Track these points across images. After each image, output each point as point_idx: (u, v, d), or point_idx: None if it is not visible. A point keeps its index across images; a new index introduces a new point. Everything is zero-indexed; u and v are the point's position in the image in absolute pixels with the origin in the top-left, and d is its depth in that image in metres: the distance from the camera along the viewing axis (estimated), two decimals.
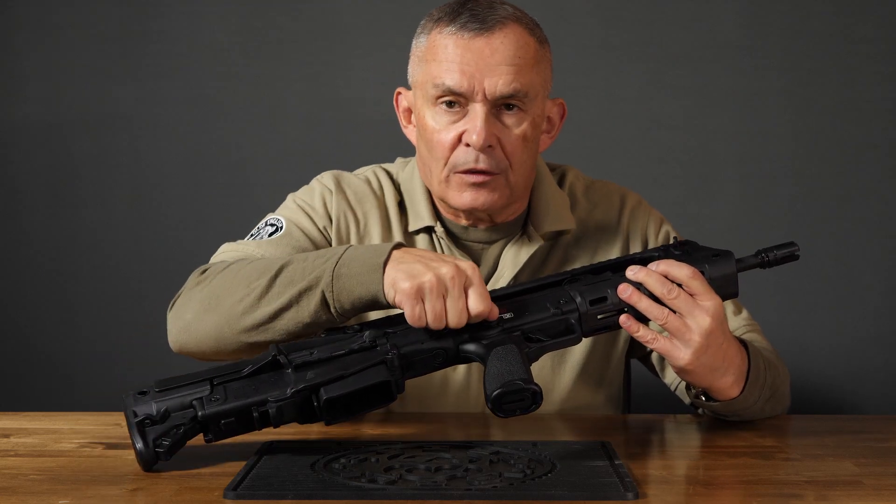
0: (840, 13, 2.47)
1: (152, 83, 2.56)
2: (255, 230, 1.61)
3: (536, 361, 1.34)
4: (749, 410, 1.46)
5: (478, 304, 1.30)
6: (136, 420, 1.24)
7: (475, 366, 1.59)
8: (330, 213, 1.62)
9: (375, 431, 1.44)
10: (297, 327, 1.38)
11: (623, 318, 1.35)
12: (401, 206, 1.64)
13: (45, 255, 2.59)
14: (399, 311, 1.32)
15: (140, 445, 1.23)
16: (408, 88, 1.61)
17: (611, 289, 1.36)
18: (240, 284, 1.41)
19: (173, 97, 2.55)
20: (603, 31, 2.49)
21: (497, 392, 1.23)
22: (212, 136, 2.56)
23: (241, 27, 2.55)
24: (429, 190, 1.62)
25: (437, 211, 1.62)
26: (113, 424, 1.48)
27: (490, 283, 1.59)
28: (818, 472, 1.23)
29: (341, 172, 1.69)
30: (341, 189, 1.64)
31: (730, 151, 2.50)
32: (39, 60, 2.57)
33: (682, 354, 1.35)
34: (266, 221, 1.61)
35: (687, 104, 2.50)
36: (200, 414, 1.24)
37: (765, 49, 2.48)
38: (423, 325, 1.29)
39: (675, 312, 1.34)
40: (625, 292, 1.35)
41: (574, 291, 1.36)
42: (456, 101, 1.50)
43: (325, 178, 1.67)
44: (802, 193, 2.49)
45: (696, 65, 2.49)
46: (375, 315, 1.55)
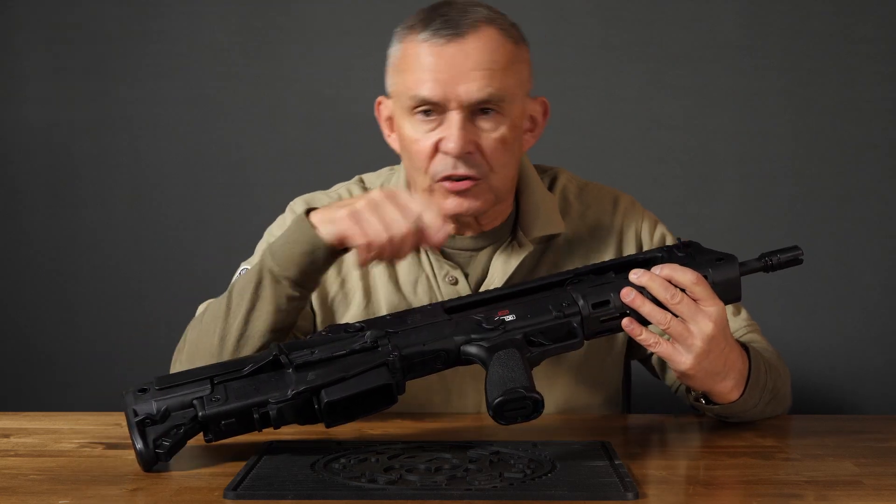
0: (840, 13, 2.47)
1: (152, 83, 2.56)
2: (231, 283, 1.61)
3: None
4: (749, 413, 1.46)
5: (415, 202, 1.35)
6: (137, 420, 1.24)
7: (468, 376, 1.59)
8: None
9: (375, 431, 1.44)
10: (272, 321, 1.41)
11: (626, 322, 1.34)
12: None
13: (45, 255, 2.59)
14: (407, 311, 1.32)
15: (140, 446, 1.23)
16: (387, 97, 1.59)
17: (613, 292, 1.35)
18: (208, 323, 1.45)
19: (173, 97, 2.55)
20: (603, 31, 2.49)
21: (498, 400, 1.23)
22: (212, 136, 2.56)
23: (241, 27, 2.55)
24: None
25: None
26: (113, 424, 1.48)
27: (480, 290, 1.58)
28: (818, 472, 1.23)
29: (314, 195, 1.69)
30: None
31: (730, 151, 2.50)
32: (39, 60, 2.57)
33: (683, 359, 1.34)
34: (239, 272, 1.61)
35: (687, 104, 2.50)
36: (201, 414, 1.24)
37: (765, 49, 2.48)
38: (373, 245, 1.33)
39: (677, 317, 1.33)
40: (628, 296, 1.34)
41: (576, 294, 1.35)
42: (432, 109, 1.49)
43: (297, 205, 1.67)
44: (802, 193, 2.49)
45: (696, 65, 2.49)
46: (384, 312, 1.55)
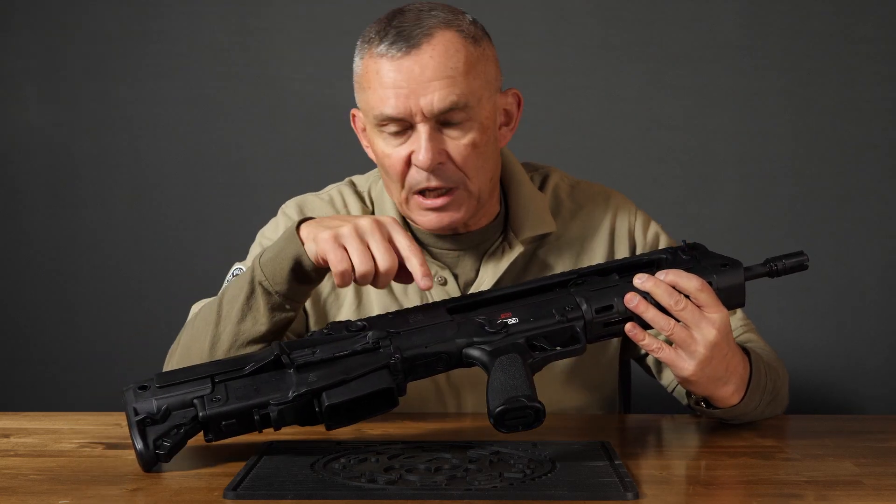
0: (840, 13, 2.47)
1: (152, 83, 2.56)
2: (224, 283, 1.61)
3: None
4: (749, 415, 1.45)
5: (404, 241, 1.32)
6: (137, 419, 1.24)
7: (465, 379, 1.59)
8: None
9: (375, 431, 1.44)
10: (263, 331, 1.39)
11: (629, 327, 1.33)
12: None
13: (45, 255, 2.59)
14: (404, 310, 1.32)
15: (140, 446, 1.22)
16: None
17: (617, 297, 1.34)
18: (199, 328, 1.44)
19: (173, 97, 2.55)
20: (603, 31, 2.49)
21: (500, 409, 1.22)
22: (212, 136, 2.56)
23: (241, 27, 2.55)
24: None
25: (407, 223, 1.61)
26: (113, 424, 1.48)
27: (471, 292, 1.57)
28: (818, 472, 1.23)
29: (305, 197, 1.68)
30: (304, 217, 1.64)
31: (730, 151, 2.50)
32: (39, 61, 2.57)
33: (686, 365, 1.33)
34: (232, 272, 1.61)
35: (687, 104, 2.50)
36: (202, 414, 1.24)
37: (765, 49, 2.48)
38: (349, 274, 1.30)
39: (680, 323, 1.32)
40: (631, 301, 1.33)
41: (580, 298, 1.34)
42: (399, 126, 1.48)
43: (289, 207, 1.68)
44: (802, 193, 2.49)
45: (696, 65, 2.49)
46: (372, 311, 1.55)
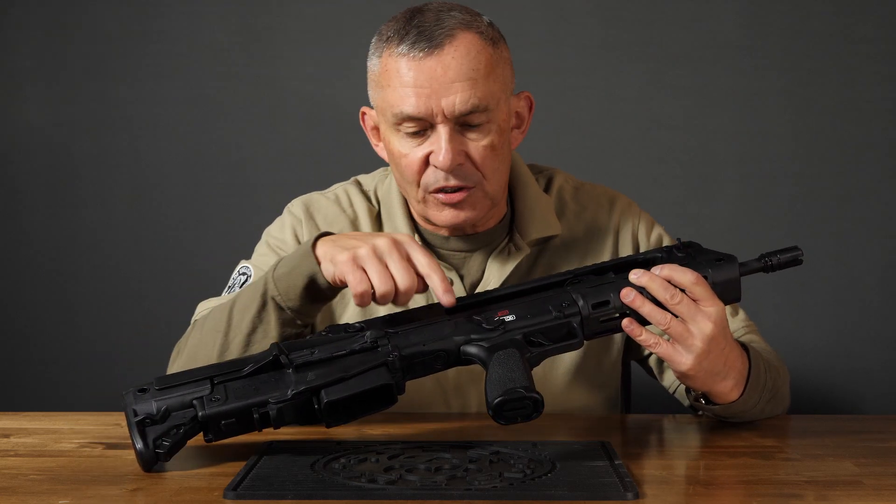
0: (840, 13, 2.47)
1: (152, 83, 2.56)
2: (230, 281, 1.62)
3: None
4: (749, 413, 1.46)
5: (423, 259, 1.31)
6: (137, 419, 1.24)
7: (465, 376, 1.59)
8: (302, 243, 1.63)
9: (375, 431, 1.44)
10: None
11: (626, 322, 1.34)
12: (378, 219, 1.64)
13: (45, 255, 2.59)
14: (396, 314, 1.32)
15: (140, 446, 1.22)
16: (370, 107, 1.59)
17: (613, 292, 1.34)
18: (208, 333, 1.44)
19: (173, 97, 2.56)
20: (603, 31, 2.49)
21: (498, 400, 1.23)
22: (212, 136, 2.56)
23: (241, 27, 2.55)
24: (406, 203, 1.62)
25: (414, 222, 1.62)
26: (113, 424, 1.48)
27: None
28: (818, 472, 1.23)
29: (311, 196, 1.69)
30: (311, 216, 1.65)
31: (730, 151, 2.50)
32: (39, 61, 2.57)
33: (683, 359, 1.34)
34: (238, 270, 1.62)
35: (687, 104, 2.50)
36: (201, 414, 1.24)
37: (765, 49, 2.48)
38: (369, 294, 1.30)
39: (677, 317, 1.33)
40: (627, 296, 1.33)
41: (576, 294, 1.35)
42: (418, 125, 1.48)
43: (295, 206, 1.68)
44: (802, 193, 2.49)
45: (696, 65, 2.49)
46: (379, 313, 1.55)
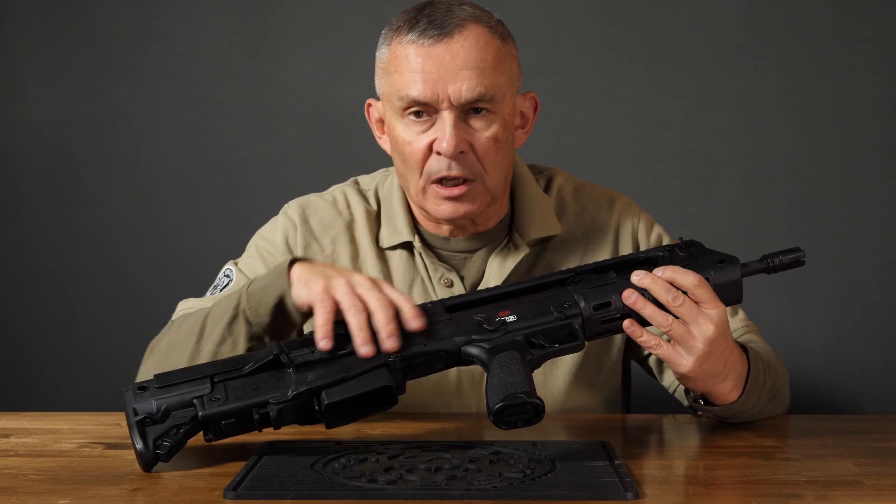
0: (840, 13, 2.47)
1: (152, 83, 2.56)
2: (216, 280, 1.62)
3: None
4: (748, 413, 1.46)
5: (395, 294, 1.30)
6: (137, 419, 1.24)
7: (465, 378, 1.60)
8: (292, 249, 1.63)
9: (375, 431, 1.44)
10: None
11: (627, 323, 1.33)
12: (377, 220, 1.64)
13: (45, 255, 2.59)
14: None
15: (140, 446, 1.22)
16: (377, 99, 1.60)
17: (615, 293, 1.34)
18: (182, 337, 1.44)
19: (173, 97, 2.55)
20: (603, 31, 2.49)
21: (499, 405, 1.23)
22: (212, 136, 2.56)
23: (241, 27, 2.55)
24: (408, 203, 1.62)
25: (415, 223, 1.62)
26: (113, 424, 1.48)
27: None
28: (818, 472, 1.23)
29: (308, 198, 1.68)
30: (305, 220, 1.64)
31: (730, 151, 2.50)
32: (39, 61, 2.57)
33: (684, 361, 1.34)
34: (223, 272, 1.62)
35: (687, 104, 2.50)
36: (201, 414, 1.24)
37: (765, 49, 2.48)
38: (331, 325, 1.27)
39: (678, 319, 1.33)
40: (629, 298, 1.33)
41: (578, 295, 1.34)
42: (423, 110, 1.49)
43: (291, 209, 1.67)
44: (802, 193, 2.49)
45: (696, 65, 2.49)
46: None
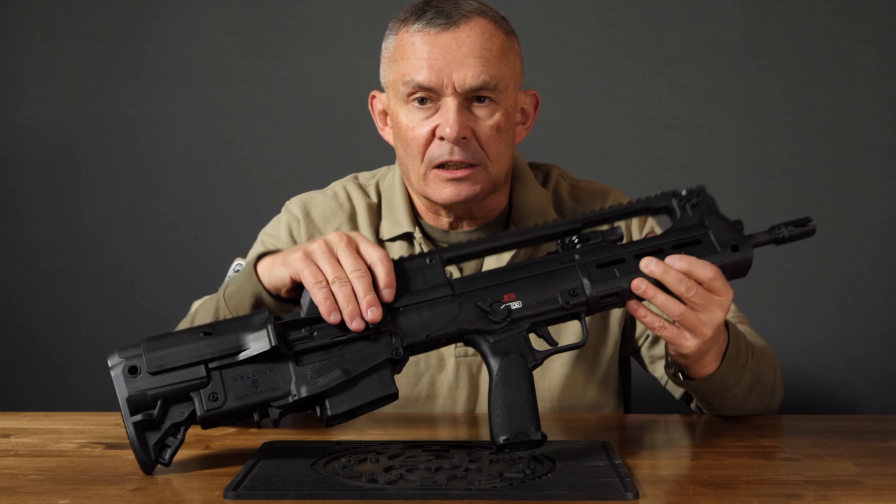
0: (840, 13, 2.47)
1: (152, 83, 2.56)
2: (226, 278, 1.61)
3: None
4: (731, 393, 1.45)
5: (372, 251, 1.25)
6: (134, 420, 1.21)
7: (463, 370, 1.60)
8: (297, 242, 1.65)
9: (375, 431, 1.44)
10: None
11: (633, 304, 1.30)
12: (378, 213, 1.65)
13: (45, 255, 2.59)
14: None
15: (141, 454, 1.20)
16: (381, 91, 1.61)
17: (624, 282, 1.29)
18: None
19: (173, 97, 2.56)
20: (603, 31, 2.49)
21: (504, 440, 1.23)
22: (212, 136, 2.56)
23: (241, 27, 2.55)
24: (409, 196, 1.63)
25: (416, 216, 1.63)
26: (113, 424, 1.48)
27: None
28: (818, 472, 1.23)
29: (308, 194, 1.70)
30: (307, 213, 1.66)
31: (730, 151, 2.50)
32: (39, 61, 2.57)
33: (689, 344, 1.32)
34: (233, 268, 1.63)
35: (687, 104, 2.50)
36: (199, 415, 1.22)
37: (765, 49, 2.48)
38: (325, 287, 1.22)
39: (687, 306, 1.30)
40: (639, 288, 1.29)
41: (585, 279, 1.29)
42: (427, 96, 1.51)
43: (293, 205, 1.69)
44: (802, 193, 2.49)
45: (696, 65, 2.49)
46: None
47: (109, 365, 1.23)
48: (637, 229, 1.68)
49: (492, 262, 1.59)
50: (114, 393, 1.22)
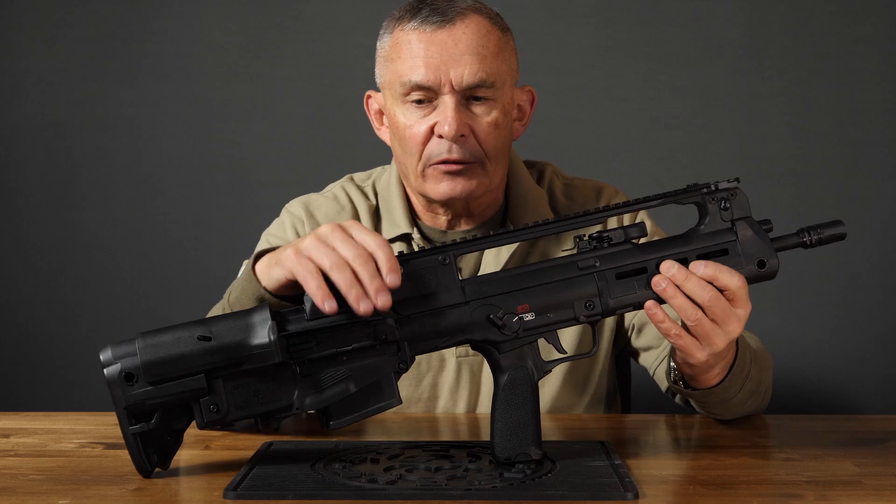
0: (840, 13, 2.47)
1: (152, 83, 2.56)
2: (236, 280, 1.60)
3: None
4: (729, 403, 1.44)
5: (368, 238, 1.18)
6: (133, 430, 1.18)
7: (465, 371, 1.60)
8: None
9: (375, 431, 1.44)
10: None
11: (649, 304, 1.25)
12: (376, 214, 1.65)
13: (45, 255, 2.59)
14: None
15: (138, 460, 1.19)
16: (377, 90, 1.61)
17: (643, 298, 1.24)
18: None
19: (173, 97, 2.56)
20: (603, 31, 2.49)
21: (505, 458, 1.22)
22: (212, 136, 2.56)
23: (241, 27, 2.55)
24: (406, 196, 1.63)
25: (414, 216, 1.63)
26: (113, 424, 1.47)
27: None
28: (818, 472, 1.23)
29: (308, 197, 1.70)
30: (311, 214, 1.66)
31: (730, 151, 2.50)
32: (39, 60, 2.57)
33: (699, 354, 1.28)
34: (241, 272, 1.60)
35: (687, 104, 2.50)
36: (199, 425, 1.19)
37: (765, 49, 2.48)
38: (317, 277, 1.16)
39: (706, 315, 1.25)
40: (659, 286, 1.24)
41: (604, 294, 1.24)
42: (425, 96, 1.51)
43: (294, 206, 1.68)
44: (802, 193, 2.49)
45: (696, 65, 2.49)
46: None
47: (101, 359, 1.17)
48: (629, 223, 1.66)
49: (490, 255, 1.59)
50: None
